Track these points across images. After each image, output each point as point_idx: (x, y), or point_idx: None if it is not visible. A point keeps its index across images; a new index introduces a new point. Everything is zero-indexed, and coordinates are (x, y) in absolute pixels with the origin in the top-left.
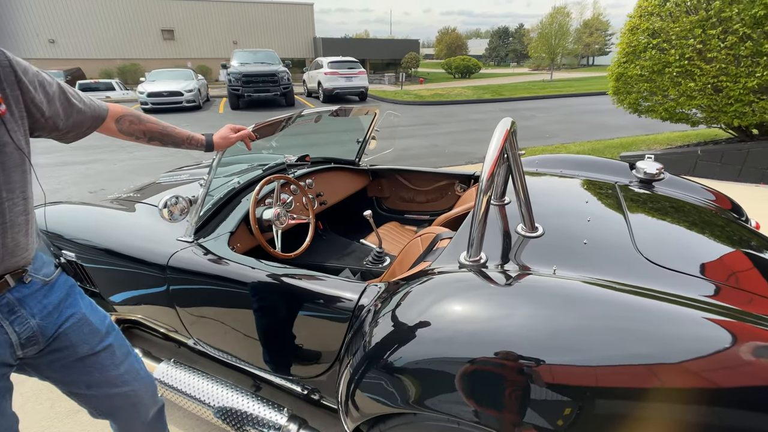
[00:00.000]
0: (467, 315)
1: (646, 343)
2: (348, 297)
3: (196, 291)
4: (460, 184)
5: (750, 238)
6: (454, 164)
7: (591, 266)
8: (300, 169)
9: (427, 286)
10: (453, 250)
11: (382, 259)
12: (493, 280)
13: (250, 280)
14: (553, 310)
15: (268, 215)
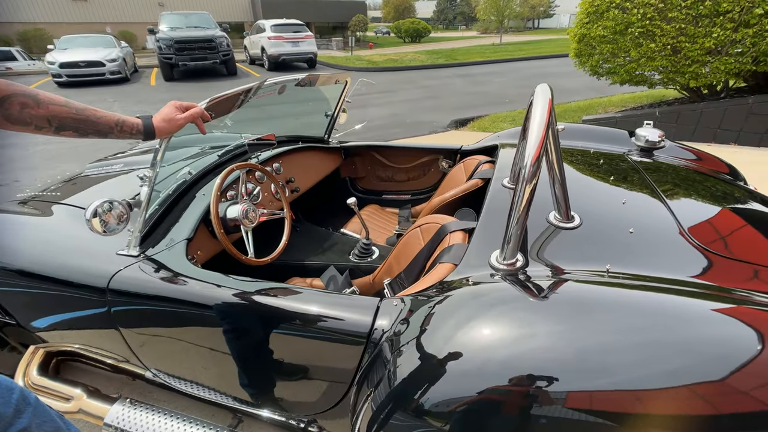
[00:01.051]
0: (513, 338)
1: None
2: (360, 318)
3: (149, 314)
4: (445, 159)
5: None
6: (417, 134)
7: (646, 262)
8: (264, 152)
9: (455, 302)
10: (478, 248)
11: (370, 251)
12: (537, 292)
13: (221, 302)
14: (616, 328)
15: (234, 213)
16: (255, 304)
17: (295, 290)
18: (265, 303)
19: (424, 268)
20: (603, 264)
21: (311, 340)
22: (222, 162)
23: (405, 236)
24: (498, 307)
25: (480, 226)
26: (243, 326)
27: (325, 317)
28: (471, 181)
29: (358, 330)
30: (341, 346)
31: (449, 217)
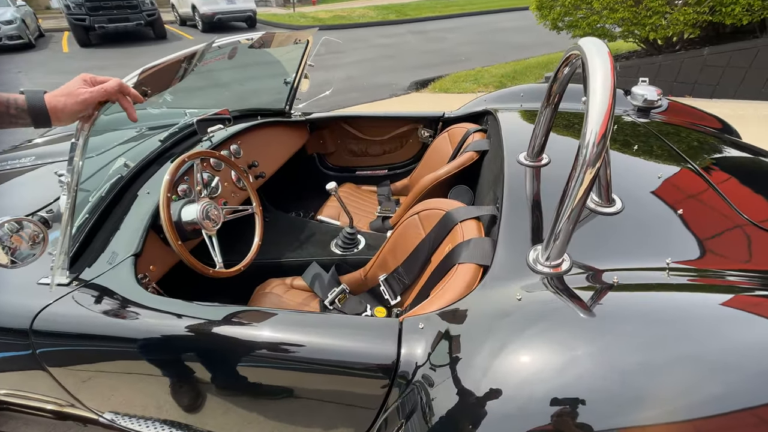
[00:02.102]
0: (560, 365)
1: None
2: (380, 348)
3: (91, 355)
4: (425, 128)
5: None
6: (376, 98)
7: (708, 253)
8: (216, 131)
9: (492, 321)
10: (508, 244)
11: (355, 241)
12: (588, 302)
13: (185, 337)
14: (693, 350)
15: (191, 215)
16: (232, 339)
17: (285, 315)
18: (248, 336)
19: (428, 263)
20: (660, 257)
21: (319, 377)
22: (167, 148)
23: (401, 225)
24: (541, 324)
25: (506, 216)
26: (215, 365)
27: (334, 349)
28: (465, 154)
29: (380, 362)
30: (358, 382)
31: (453, 202)
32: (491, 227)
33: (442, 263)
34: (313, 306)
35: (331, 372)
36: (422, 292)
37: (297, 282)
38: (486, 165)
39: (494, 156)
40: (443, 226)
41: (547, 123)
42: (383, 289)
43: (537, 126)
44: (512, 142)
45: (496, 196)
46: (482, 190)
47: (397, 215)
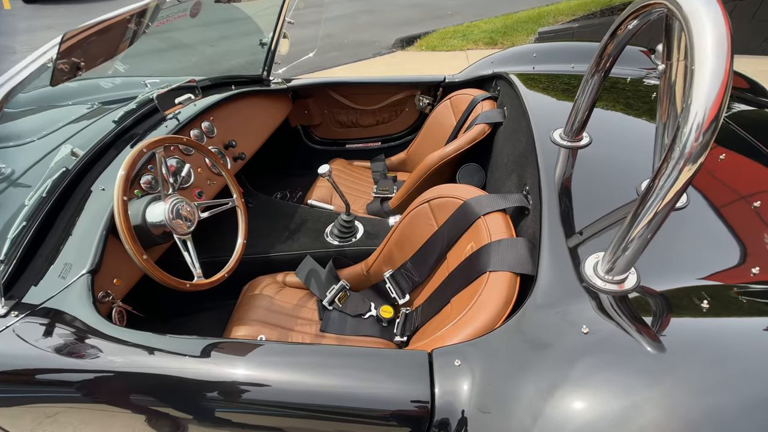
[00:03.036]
0: (620, 412)
1: None
2: (408, 392)
3: (37, 402)
4: (423, 95)
5: None
6: (359, 57)
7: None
8: (183, 106)
9: (545, 354)
10: (553, 248)
11: (353, 230)
12: (657, 329)
13: (158, 378)
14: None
15: (158, 216)
16: (214, 382)
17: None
18: (232, 378)
19: (442, 259)
20: (743, 267)
21: (324, 427)
22: (126, 129)
23: (408, 215)
24: (602, 357)
25: (548, 211)
26: (194, 414)
27: (344, 392)
28: (475, 127)
29: (407, 408)
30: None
31: (470, 189)
32: (519, 221)
33: (465, 266)
34: (310, 306)
35: (340, 420)
36: (438, 294)
37: (290, 278)
38: (501, 140)
39: (512, 131)
40: (461, 219)
41: (594, 93)
42: (389, 287)
43: (580, 96)
44: (539, 115)
45: (521, 182)
46: (498, 171)
47: (398, 197)
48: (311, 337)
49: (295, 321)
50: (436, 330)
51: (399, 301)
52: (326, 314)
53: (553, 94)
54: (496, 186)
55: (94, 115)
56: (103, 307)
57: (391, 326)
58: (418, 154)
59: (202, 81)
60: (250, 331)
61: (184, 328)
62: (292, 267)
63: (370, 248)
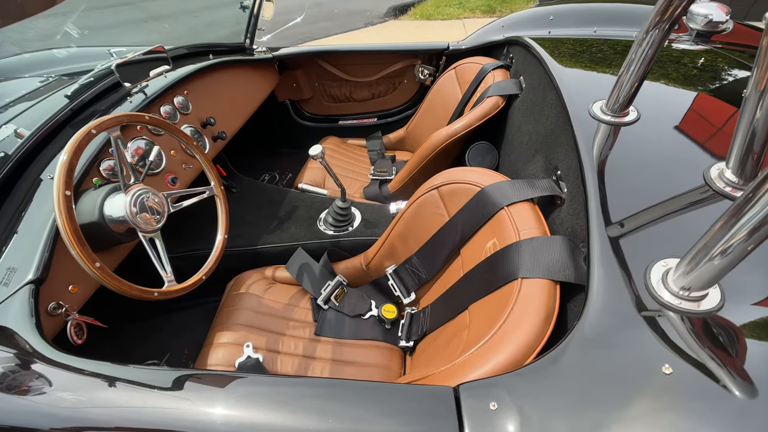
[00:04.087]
0: None
1: None
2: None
3: None
4: (424, 65)
5: None
6: (351, 27)
7: None
8: (151, 77)
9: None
10: (603, 249)
11: (349, 218)
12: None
13: (125, 420)
14: None
15: (118, 210)
16: (191, 427)
17: (267, 382)
18: (208, 422)
19: (455, 255)
20: None
21: None
22: (83, 106)
23: (414, 204)
24: (693, 407)
25: (594, 202)
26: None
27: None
28: (487, 100)
29: None
30: None
31: (486, 172)
32: (549, 214)
33: (487, 268)
34: (303, 305)
35: None
36: (452, 296)
37: (280, 273)
38: (519, 115)
39: (533, 104)
40: (478, 209)
41: (652, 53)
42: (393, 284)
43: (633, 64)
44: (571, 85)
45: (550, 165)
46: (516, 152)
47: (399, 180)
48: (305, 342)
49: (287, 324)
50: (450, 341)
51: (403, 300)
52: (321, 314)
53: (583, 61)
54: (513, 169)
55: (48, 91)
56: (54, 322)
57: (394, 328)
58: (419, 131)
59: (174, 50)
60: (236, 338)
61: (164, 329)
62: (282, 260)
63: (369, 239)
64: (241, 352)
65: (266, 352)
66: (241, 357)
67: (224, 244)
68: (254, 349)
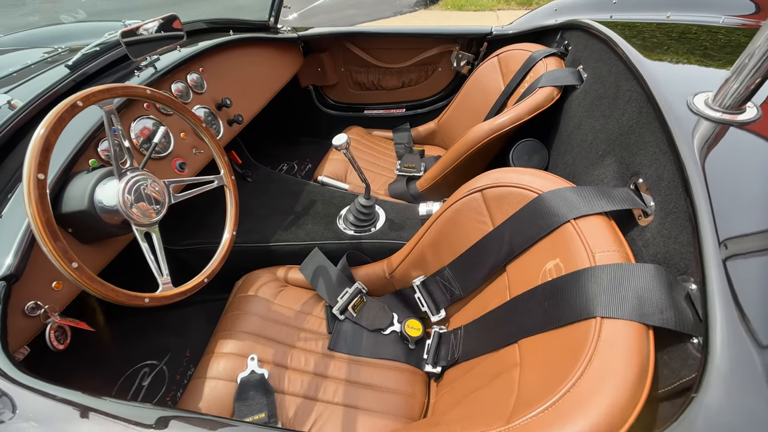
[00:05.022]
0: None
1: None
2: None
3: None
4: (463, 52)
5: None
6: (378, 16)
7: None
8: (163, 52)
9: None
10: (727, 291)
11: (372, 217)
12: None
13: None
14: None
15: (109, 198)
16: None
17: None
18: None
19: (499, 272)
20: None
21: None
22: (87, 79)
23: (451, 207)
24: None
25: (708, 222)
26: None
27: None
28: (539, 92)
29: None
30: None
31: (544, 175)
32: (626, 233)
33: (546, 295)
34: (317, 314)
35: None
36: (494, 322)
37: (293, 275)
38: (579, 110)
39: (600, 96)
40: (535, 219)
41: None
42: (420, 297)
43: (760, 51)
44: (657, 74)
45: (626, 170)
46: (572, 152)
47: (429, 177)
48: (317, 357)
49: (297, 334)
50: (494, 379)
51: (431, 317)
52: (337, 326)
53: (674, 49)
54: (569, 172)
55: (53, 62)
56: (32, 324)
57: (419, 348)
58: (453, 125)
59: (191, 23)
60: (240, 348)
61: (165, 328)
62: (296, 260)
63: (394, 242)
64: (245, 365)
65: (273, 366)
66: (244, 371)
67: (231, 243)
68: (260, 363)
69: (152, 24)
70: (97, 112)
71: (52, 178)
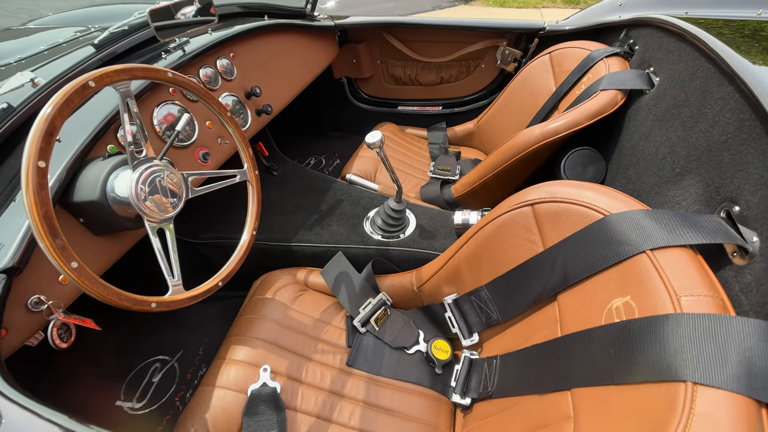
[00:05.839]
0: None
1: None
2: None
3: None
4: (510, 47)
5: None
6: (417, 10)
7: None
8: (193, 35)
9: None
10: None
11: (402, 223)
12: None
13: None
14: None
15: (123, 189)
16: None
17: None
18: None
19: (547, 301)
20: None
21: None
22: (114, 58)
23: (495, 220)
24: None
25: None
26: None
27: None
28: (601, 95)
29: None
30: None
31: (610, 191)
32: (717, 271)
33: (612, 341)
34: (336, 324)
35: None
36: (539, 360)
37: (314, 278)
38: (649, 119)
39: (678, 104)
40: (599, 245)
41: None
42: (451, 317)
43: None
44: (761, 77)
45: (714, 195)
46: (638, 166)
47: (466, 183)
48: (334, 373)
49: (315, 345)
50: (537, 431)
51: (462, 340)
52: (357, 339)
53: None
54: (633, 190)
55: (83, 42)
56: (34, 320)
57: (446, 373)
58: (494, 127)
59: (224, 6)
60: (253, 356)
61: (180, 322)
62: (318, 262)
63: (424, 252)
64: (256, 376)
65: (286, 379)
66: (255, 383)
67: (249, 246)
68: (272, 375)
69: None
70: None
71: (66, 163)
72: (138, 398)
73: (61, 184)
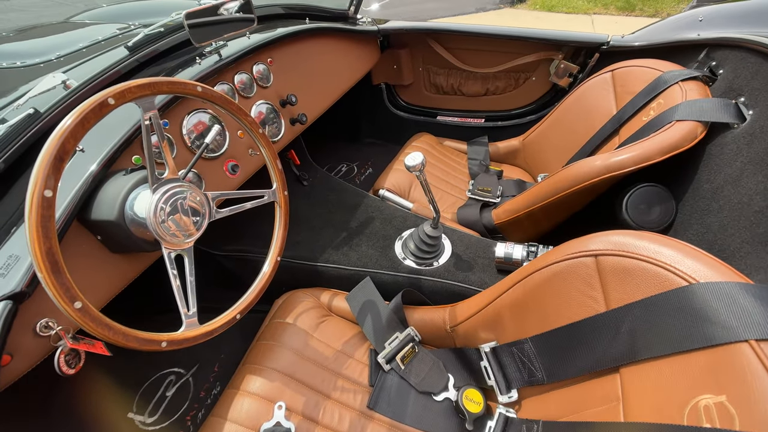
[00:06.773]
0: None
1: None
2: None
3: None
4: (566, 60)
5: None
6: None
7: None
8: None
9: None
10: None
11: (437, 249)
12: None
13: None
14: None
15: (141, 210)
16: None
17: None
18: None
19: (607, 372)
20: None
21: None
22: (148, 61)
23: (549, 268)
24: None
25: None
26: None
27: None
28: (677, 126)
29: None
30: None
31: (696, 253)
32: None
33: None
34: (359, 357)
35: None
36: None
37: (338, 303)
38: (737, 159)
39: None
40: (682, 322)
41: None
42: (487, 367)
43: None
44: None
45: None
46: (721, 214)
47: (510, 209)
48: (353, 416)
49: (335, 382)
50: None
51: (498, 395)
52: (381, 378)
53: None
54: (712, 243)
55: (124, 40)
56: (41, 345)
57: (477, 428)
58: (542, 146)
59: (265, 7)
60: (268, 390)
61: None
62: (344, 285)
63: (458, 285)
64: (270, 413)
65: (302, 419)
66: (268, 421)
67: (271, 276)
68: (287, 413)
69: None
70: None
71: (87, 175)
72: (150, 412)
73: (80, 198)
